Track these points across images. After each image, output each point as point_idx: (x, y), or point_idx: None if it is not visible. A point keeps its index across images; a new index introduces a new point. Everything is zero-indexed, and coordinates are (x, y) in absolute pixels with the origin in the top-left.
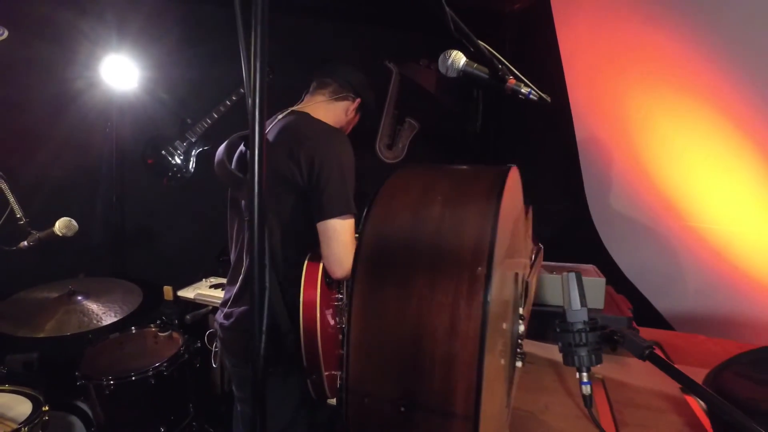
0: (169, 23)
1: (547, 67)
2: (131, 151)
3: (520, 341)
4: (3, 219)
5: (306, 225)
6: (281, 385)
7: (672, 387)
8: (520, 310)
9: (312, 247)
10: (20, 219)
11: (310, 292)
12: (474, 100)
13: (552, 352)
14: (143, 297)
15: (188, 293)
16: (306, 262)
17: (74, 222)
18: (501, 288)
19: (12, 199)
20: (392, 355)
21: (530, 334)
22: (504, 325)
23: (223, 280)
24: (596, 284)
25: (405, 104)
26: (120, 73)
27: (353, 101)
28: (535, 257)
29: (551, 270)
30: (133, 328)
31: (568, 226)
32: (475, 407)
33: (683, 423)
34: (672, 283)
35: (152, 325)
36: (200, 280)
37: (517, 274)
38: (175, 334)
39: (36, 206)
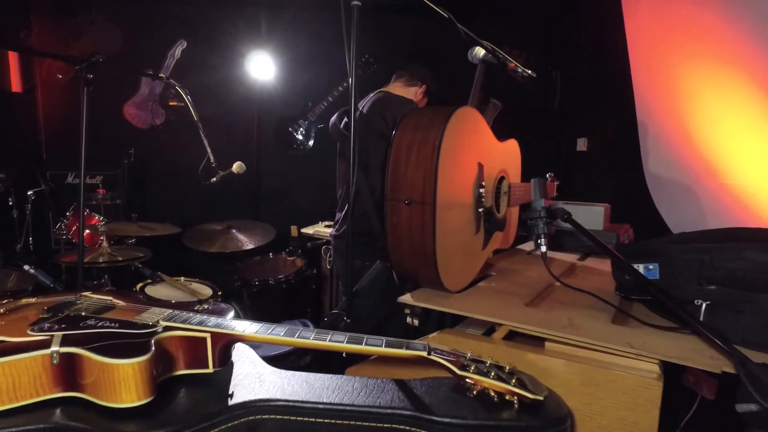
0: (299, 27)
1: (615, 48)
2: (266, 129)
3: (482, 199)
4: (203, 164)
5: None
6: (373, 274)
7: None
8: (483, 183)
9: None
10: (213, 163)
11: None
12: (552, 82)
13: (559, 256)
14: (276, 233)
15: (309, 230)
16: None
17: (244, 165)
18: (458, 158)
19: (209, 150)
20: (402, 177)
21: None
22: (461, 180)
23: None
24: (596, 211)
25: (490, 87)
26: (262, 67)
27: (420, 87)
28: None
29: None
30: (270, 253)
31: (627, 189)
32: (433, 197)
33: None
34: None
35: (283, 252)
36: (317, 222)
37: (481, 165)
38: (299, 260)
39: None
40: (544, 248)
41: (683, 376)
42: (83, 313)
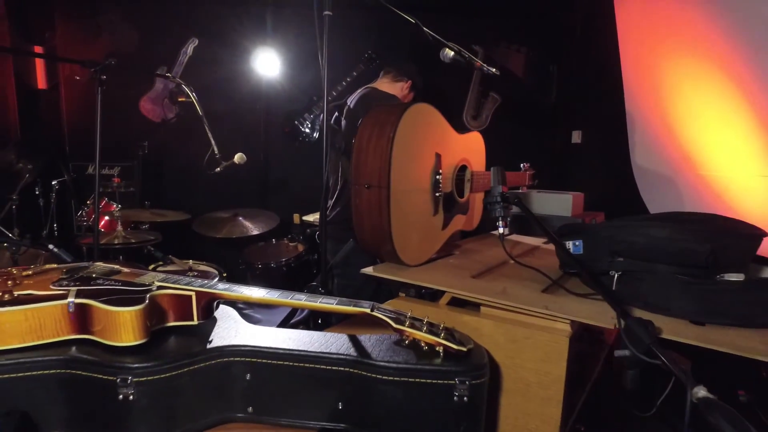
0: (303, 24)
1: (607, 43)
2: (273, 122)
3: (439, 185)
4: (208, 155)
5: None
6: (359, 257)
7: None
8: (440, 170)
9: None
10: (216, 154)
11: None
12: (550, 76)
13: (527, 239)
14: (279, 221)
15: (309, 218)
16: None
17: (245, 156)
18: (413, 148)
19: (213, 142)
20: (363, 164)
21: (516, 229)
22: (416, 167)
23: None
24: (565, 199)
25: (489, 80)
26: (267, 63)
27: (406, 82)
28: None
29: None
30: (273, 239)
31: (616, 179)
32: (387, 181)
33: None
34: None
35: (285, 238)
36: (318, 211)
37: (438, 154)
38: (300, 245)
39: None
40: (501, 229)
41: None
42: (94, 275)
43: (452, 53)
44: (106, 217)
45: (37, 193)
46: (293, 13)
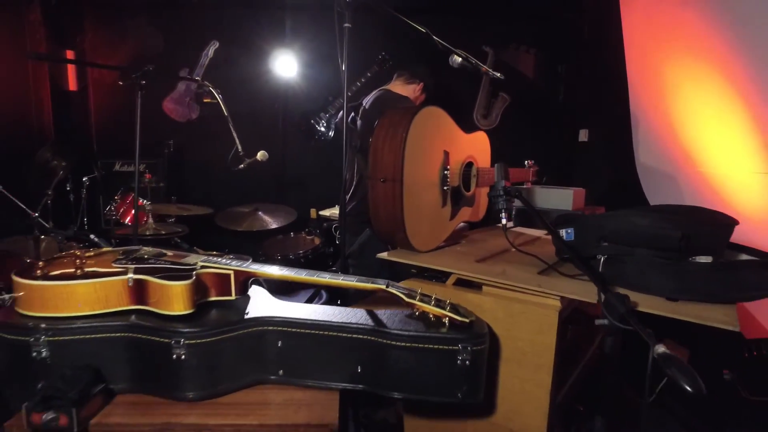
0: (320, 27)
1: (613, 44)
2: (291, 121)
3: (447, 180)
4: (232, 153)
5: None
6: (373, 247)
7: None
8: (448, 167)
9: None
10: (240, 152)
11: None
12: (558, 76)
13: (530, 231)
14: (297, 215)
15: (326, 213)
16: None
17: (266, 153)
18: (422, 146)
19: (237, 140)
20: (379, 161)
21: (520, 222)
22: (426, 163)
23: None
24: (566, 194)
25: (499, 81)
26: (285, 65)
27: (418, 84)
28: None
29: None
30: (291, 233)
31: (621, 177)
32: (401, 176)
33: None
34: None
35: (302, 232)
36: (333, 206)
37: (446, 152)
38: (317, 239)
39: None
40: (504, 221)
41: None
42: (146, 256)
43: (460, 59)
44: (133, 211)
45: (68, 189)
46: (311, 17)
